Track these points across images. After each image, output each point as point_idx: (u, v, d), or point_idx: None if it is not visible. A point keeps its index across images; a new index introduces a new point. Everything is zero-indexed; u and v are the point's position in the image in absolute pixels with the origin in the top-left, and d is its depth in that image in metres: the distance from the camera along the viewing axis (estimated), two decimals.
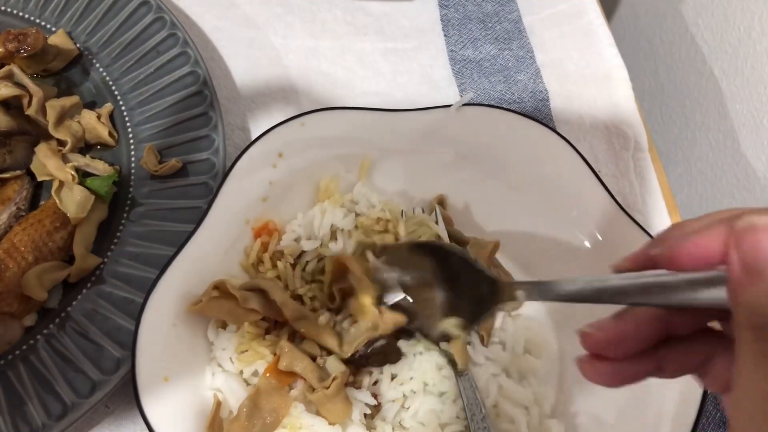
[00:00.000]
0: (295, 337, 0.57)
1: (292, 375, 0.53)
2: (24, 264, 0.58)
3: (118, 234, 0.62)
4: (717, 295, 0.32)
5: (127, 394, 0.58)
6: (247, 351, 0.55)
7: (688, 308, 0.35)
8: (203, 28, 0.78)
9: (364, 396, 0.54)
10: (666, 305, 0.35)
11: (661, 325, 0.36)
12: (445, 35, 0.80)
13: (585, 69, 0.79)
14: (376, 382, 0.56)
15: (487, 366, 0.59)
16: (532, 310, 0.63)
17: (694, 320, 0.36)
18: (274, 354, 0.55)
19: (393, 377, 0.56)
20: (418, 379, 0.56)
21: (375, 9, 0.81)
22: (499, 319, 0.62)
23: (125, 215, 0.63)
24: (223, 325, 0.56)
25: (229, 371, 0.55)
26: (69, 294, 0.60)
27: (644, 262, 0.36)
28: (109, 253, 0.61)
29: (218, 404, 0.53)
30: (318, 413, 0.53)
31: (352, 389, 0.55)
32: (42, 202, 0.63)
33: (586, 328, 0.37)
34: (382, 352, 0.54)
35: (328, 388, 0.52)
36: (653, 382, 0.54)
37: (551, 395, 0.59)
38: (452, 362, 0.57)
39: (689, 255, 0.33)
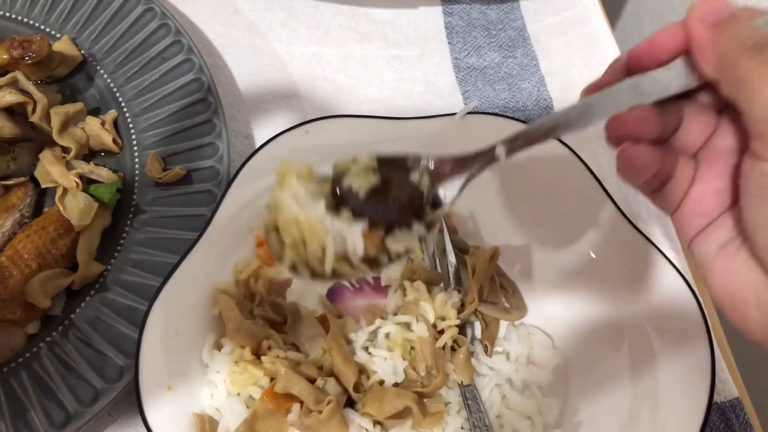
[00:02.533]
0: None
1: (289, 399, 0.53)
2: (27, 271, 0.58)
3: (122, 241, 0.62)
4: (683, 79, 0.38)
5: (131, 403, 0.58)
6: (241, 374, 0.54)
7: (664, 100, 0.39)
8: (208, 34, 0.78)
9: (361, 419, 0.54)
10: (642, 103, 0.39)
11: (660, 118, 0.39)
12: (449, 43, 0.80)
13: (589, 77, 0.78)
14: (382, 382, 0.55)
15: (490, 376, 0.59)
16: (535, 319, 0.63)
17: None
18: (271, 377, 0.54)
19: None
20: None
21: (379, 16, 0.81)
22: (503, 329, 0.62)
23: (129, 222, 0.63)
24: (218, 347, 0.56)
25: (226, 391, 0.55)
26: (72, 301, 0.59)
27: (612, 76, 0.41)
28: (112, 261, 0.61)
29: (203, 425, 0.52)
30: None
31: (350, 411, 0.54)
32: (46, 209, 0.63)
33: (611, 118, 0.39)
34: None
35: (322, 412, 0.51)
36: (658, 393, 0.54)
37: (555, 405, 0.59)
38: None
39: (650, 50, 0.39)
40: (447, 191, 0.46)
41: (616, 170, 0.40)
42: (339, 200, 0.44)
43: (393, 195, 0.43)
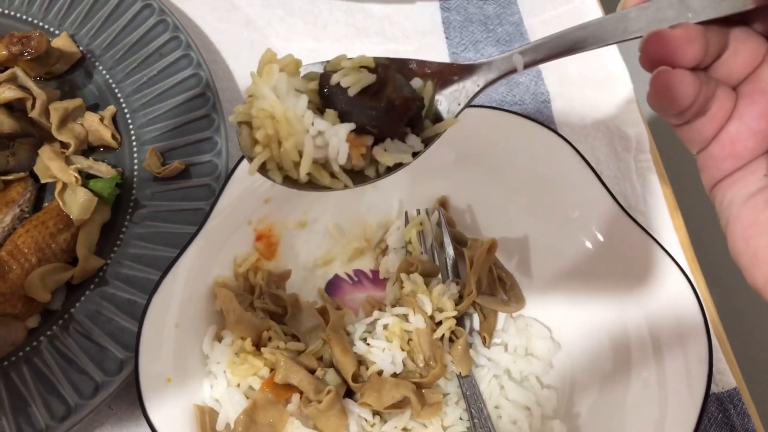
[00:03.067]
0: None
1: (289, 389, 0.53)
2: (27, 266, 0.58)
3: (121, 236, 0.62)
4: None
5: (131, 396, 0.58)
6: (241, 365, 0.54)
7: (712, 21, 0.35)
8: (205, 30, 0.78)
9: (360, 410, 0.54)
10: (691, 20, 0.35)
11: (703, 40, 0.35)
12: (446, 37, 0.80)
13: (586, 71, 0.79)
14: (380, 373, 0.55)
15: (489, 367, 0.59)
16: (533, 311, 0.63)
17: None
18: (271, 368, 0.54)
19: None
20: None
21: (376, 11, 0.81)
22: (501, 320, 0.62)
23: (128, 217, 0.63)
24: (219, 339, 0.56)
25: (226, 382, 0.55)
26: (72, 296, 0.60)
27: None
28: (112, 255, 0.61)
29: (203, 416, 0.52)
30: (315, 428, 0.53)
31: (349, 401, 0.54)
32: (45, 204, 0.63)
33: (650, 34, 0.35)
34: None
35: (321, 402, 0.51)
36: (656, 383, 0.55)
37: (553, 396, 0.59)
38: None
39: None
40: (451, 105, 0.40)
41: (648, 97, 0.35)
42: (326, 100, 0.38)
43: (387, 97, 0.37)
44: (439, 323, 0.57)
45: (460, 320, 0.60)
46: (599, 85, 0.78)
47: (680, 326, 0.55)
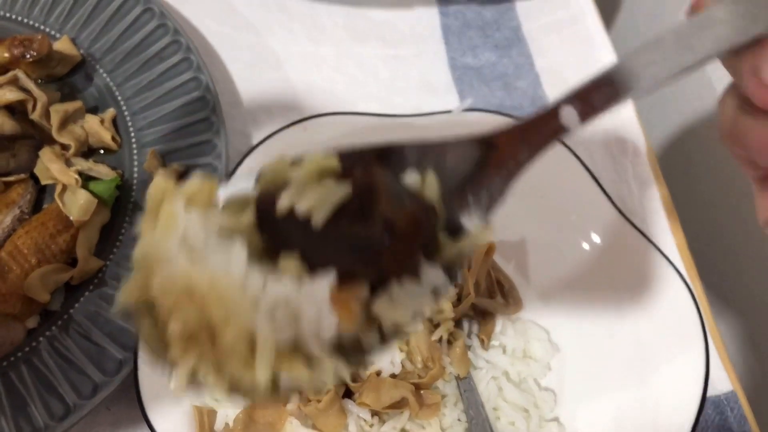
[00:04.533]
0: None
1: None
2: (27, 266, 0.58)
3: (121, 237, 0.62)
4: None
5: (129, 397, 0.58)
6: None
7: None
8: (205, 34, 0.78)
9: (359, 410, 0.54)
10: None
11: None
12: (445, 42, 0.81)
13: (584, 76, 0.79)
14: (379, 373, 0.55)
15: (487, 369, 0.59)
16: (531, 314, 0.63)
17: None
18: None
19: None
20: None
21: (375, 16, 0.82)
22: (499, 323, 0.63)
23: (127, 218, 0.63)
24: None
25: None
26: (71, 296, 0.60)
27: None
28: (111, 256, 0.61)
29: (201, 416, 0.53)
30: (314, 427, 0.53)
31: (348, 401, 0.54)
32: (45, 206, 0.63)
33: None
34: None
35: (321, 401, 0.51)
36: (653, 385, 0.55)
37: (551, 398, 0.59)
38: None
39: None
40: (472, 202, 0.27)
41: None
42: (274, 239, 0.24)
43: (382, 215, 0.24)
44: (437, 325, 0.58)
45: (458, 323, 0.60)
46: None
47: (677, 329, 0.55)
